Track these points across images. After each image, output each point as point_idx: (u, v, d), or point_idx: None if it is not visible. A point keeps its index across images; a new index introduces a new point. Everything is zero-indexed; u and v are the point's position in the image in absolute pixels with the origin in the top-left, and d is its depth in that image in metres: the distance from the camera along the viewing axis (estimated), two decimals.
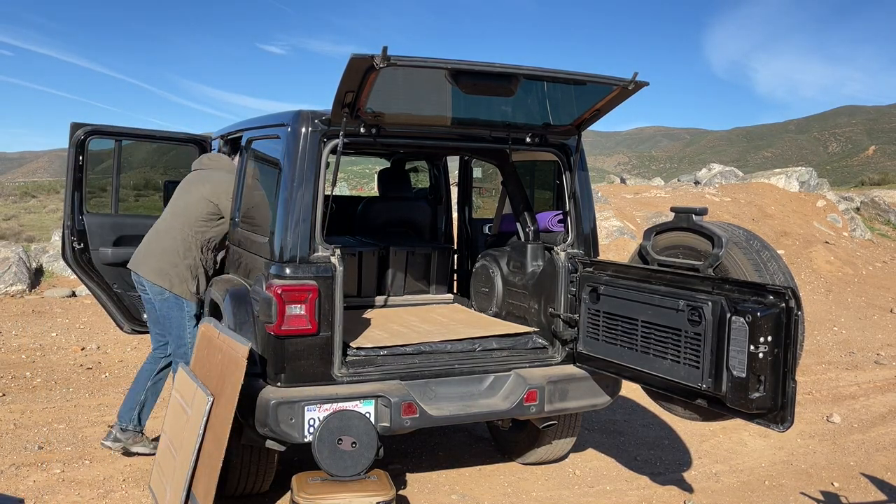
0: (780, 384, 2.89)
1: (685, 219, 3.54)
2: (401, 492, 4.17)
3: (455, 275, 5.64)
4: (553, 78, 3.45)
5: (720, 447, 5.16)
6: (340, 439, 3.38)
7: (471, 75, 3.26)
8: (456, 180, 5.83)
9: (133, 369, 6.52)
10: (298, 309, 3.40)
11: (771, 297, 2.89)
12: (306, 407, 3.37)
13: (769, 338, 2.88)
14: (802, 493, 4.43)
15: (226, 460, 3.26)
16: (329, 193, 3.69)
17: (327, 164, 3.61)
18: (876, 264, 13.51)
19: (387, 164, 6.35)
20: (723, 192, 15.74)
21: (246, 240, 4.12)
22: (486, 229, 5.09)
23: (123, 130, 4.82)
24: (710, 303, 3.07)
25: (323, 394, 3.43)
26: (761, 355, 2.89)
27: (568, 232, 4.13)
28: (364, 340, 3.88)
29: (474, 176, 5.74)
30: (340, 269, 3.51)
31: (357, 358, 3.69)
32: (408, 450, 4.86)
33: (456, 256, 5.64)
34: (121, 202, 5.04)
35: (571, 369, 3.93)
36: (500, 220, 4.88)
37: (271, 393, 3.40)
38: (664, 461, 4.89)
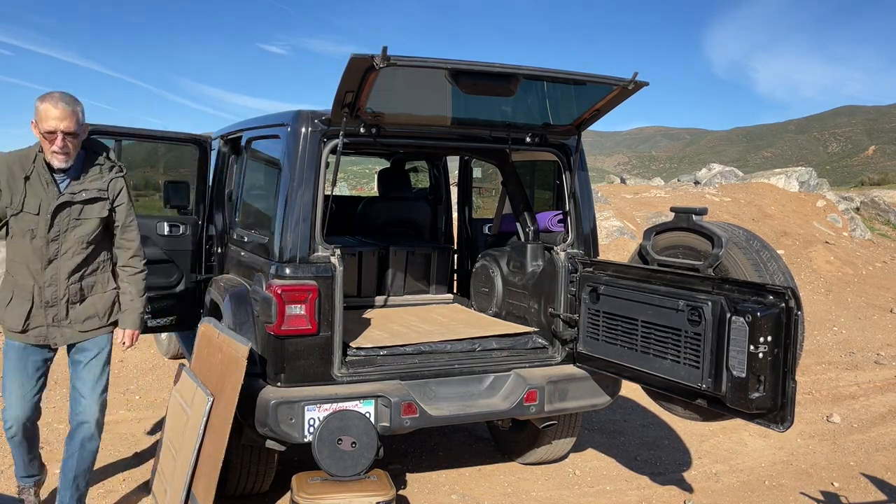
0: (780, 384, 2.90)
1: (685, 219, 3.54)
2: (401, 492, 4.17)
3: (455, 275, 5.64)
4: (553, 78, 3.45)
5: (720, 447, 5.16)
6: (340, 439, 3.38)
7: (471, 75, 3.26)
8: (456, 180, 5.83)
9: (133, 369, 6.52)
10: (298, 309, 3.40)
11: (771, 297, 2.89)
12: (306, 407, 3.37)
13: (769, 338, 2.88)
14: (802, 493, 4.43)
15: (226, 460, 3.26)
16: (329, 193, 3.69)
17: (327, 164, 3.61)
18: (876, 264, 13.51)
19: (387, 164, 6.35)
20: (723, 192, 15.74)
21: (246, 240, 4.12)
22: (486, 229, 5.10)
23: (123, 130, 4.81)
24: (710, 303, 3.07)
25: (323, 394, 3.43)
26: (761, 355, 2.89)
27: (568, 232, 4.13)
28: (364, 340, 3.88)
29: (474, 176, 5.74)
30: (340, 269, 3.51)
31: (357, 358, 3.69)
32: (408, 450, 4.86)
33: (456, 256, 5.64)
34: None
35: (571, 369, 3.93)
36: (500, 220, 4.88)
37: (271, 393, 3.40)
38: (664, 461, 4.89)
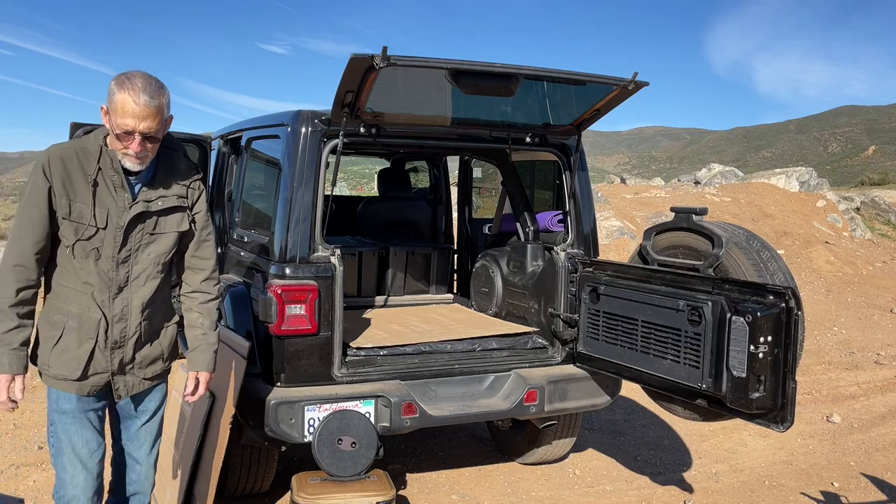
0: (780, 384, 2.89)
1: (685, 219, 3.54)
2: (401, 492, 4.17)
3: (455, 275, 5.64)
4: (553, 78, 3.45)
5: (720, 447, 5.16)
6: (340, 439, 3.38)
7: (471, 75, 3.26)
8: (456, 180, 5.83)
9: None
10: (298, 309, 3.40)
11: (771, 297, 2.89)
12: (306, 407, 3.37)
13: (769, 338, 2.88)
14: (802, 493, 4.43)
15: (226, 460, 3.26)
16: (329, 193, 3.69)
17: (327, 164, 3.61)
18: (876, 264, 13.51)
19: (387, 164, 6.35)
20: (723, 192, 15.74)
21: (246, 240, 4.12)
22: (486, 229, 5.09)
23: None
24: (710, 303, 3.07)
25: (323, 394, 3.43)
26: (761, 355, 2.89)
27: (568, 232, 4.13)
28: (364, 340, 3.88)
29: (474, 176, 5.74)
30: (340, 269, 3.50)
31: (357, 358, 3.69)
32: (408, 450, 4.86)
33: (456, 256, 5.64)
34: None
35: (571, 369, 3.93)
36: (500, 220, 4.88)
37: (271, 393, 3.40)
38: (664, 461, 4.89)
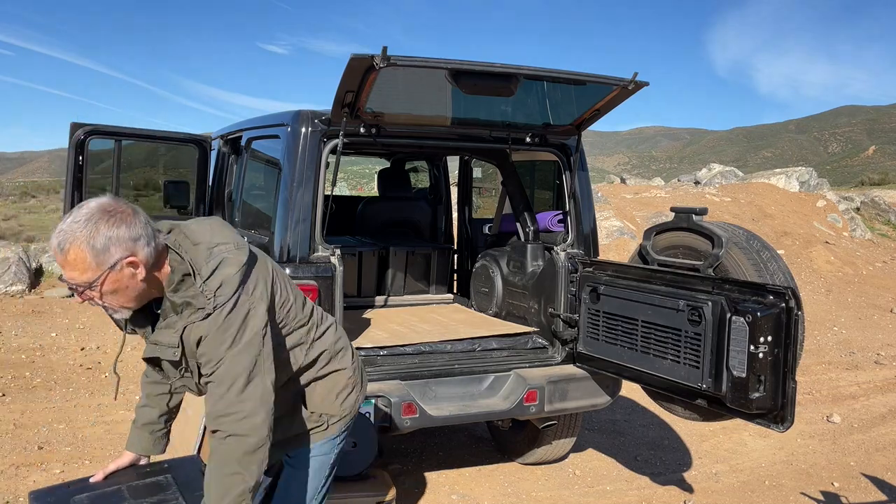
0: (780, 384, 2.89)
1: (685, 219, 3.54)
2: (401, 492, 4.17)
3: (455, 275, 5.64)
4: (553, 78, 3.45)
5: (720, 447, 5.16)
6: None
7: (471, 75, 3.26)
8: (456, 180, 5.83)
9: (133, 369, 6.51)
10: None
11: (771, 297, 2.89)
12: None
13: (769, 338, 2.88)
14: (802, 494, 4.43)
15: None
16: (329, 193, 3.69)
17: (327, 164, 3.61)
18: (876, 264, 13.51)
19: (387, 164, 6.35)
20: (723, 192, 15.74)
21: (246, 240, 4.11)
22: (486, 229, 5.09)
23: (123, 130, 4.80)
24: (710, 303, 3.07)
25: None
26: (761, 355, 2.89)
27: (568, 232, 4.13)
28: (364, 340, 3.87)
29: (474, 176, 5.74)
30: (340, 269, 3.50)
31: None
32: (408, 450, 4.86)
33: (456, 256, 5.64)
34: None
35: (571, 369, 3.93)
36: (500, 220, 4.88)
37: None
38: (664, 461, 4.89)
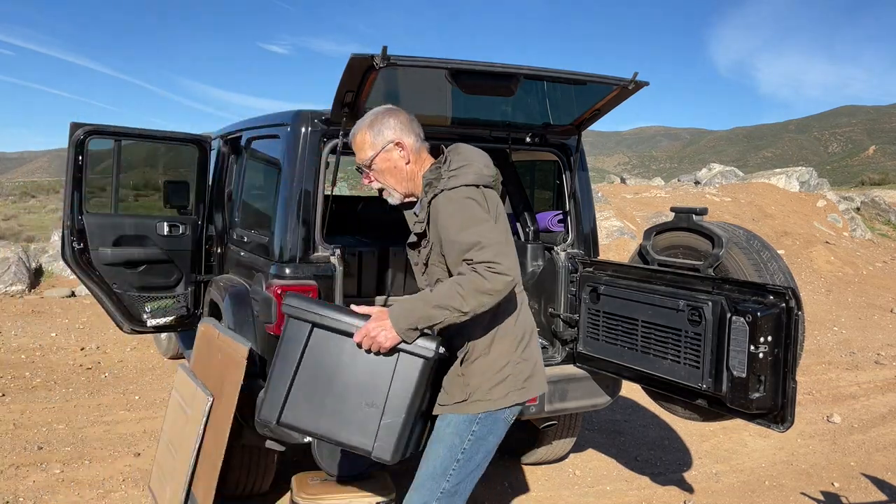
0: (781, 384, 2.89)
1: (685, 219, 3.53)
2: (401, 492, 4.16)
3: None
4: (553, 78, 3.44)
5: (720, 447, 5.16)
6: None
7: (471, 75, 3.25)
8: None
9: (133, 370, 6.52)
10: None
11: (771, 297, 2.89)
12: None
13: (769, 338, 2.88)
14: (803, 494, 4.43)
15: (226, 460, 3.26)
16: (329, 193, 3.69)
17: (327, 164, 3.60)
18: (876, 264, 13.51)
19: None
20: (723, 192, 15.74)
21: (246, 240, 4.12)
22: None
23: (123, 130, 4.81)
24: (711, 303, 3.07)
25: None
26: (761, 355, 2.89)
27: (568, 232, 4.13)
28: None
29: None
30: (340, 269, 3.50)
31: None
32: None
33: None
34: (120, 202, 5.03)
35: (571, 369, 3.92)
36: None
37: None
38: (664, 461, 4.89)
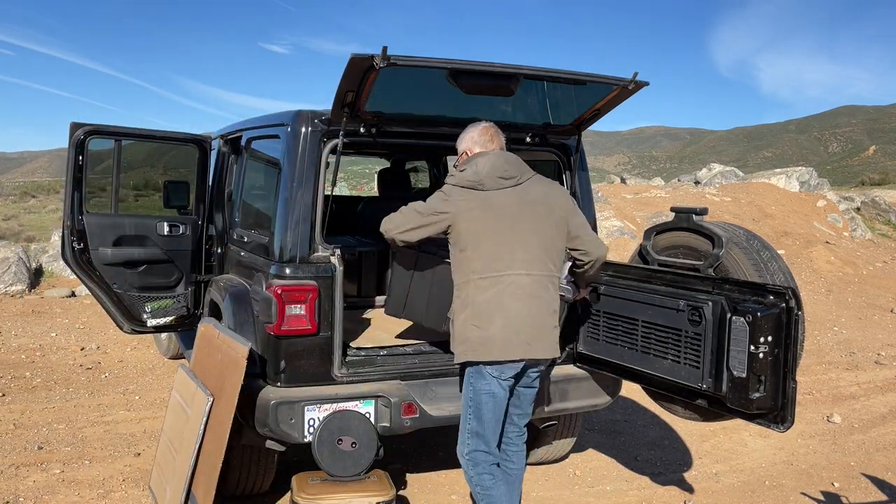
0: (781, 384, 2.89)
1: (685, 219, 3.54)
2: (401, 492, 4.17)
3: None
4: (553, 78, 3.44)
5: (720, 447, 5.16)
6: (340, 439, 3.38)
7: (471, 75, 3.26)
8: None
9: (133, 369, 6.51)
10: (298, 309, 3.39)
11: (771, 297, 2.89)
12: (306, 407, 3.37)
13: (769, 338, 2.88)
14: (803, 494, 4.42)
15: (226, 460, 3.26)
16: (329, 193, 3.69)
17: (327, 164, 3.60)
18: (876, 264, 13.50)
19: (387, 164, 6.34)
20: (723, 192, 15.73)
21: (246, 240, 4.12)
22: None
23: (123, 130, 4.81)
24: (711, 303, 3.07)
25: (323, 394, 3.43)
26: (761, 355, 2.89)
27: None
28: (364, 340, 3.88)
29: None
30: (340, 269, 3.50)
31: (357, 358, 3.68)
32: (408, 450, 4.85)
33: None
34: (120, 202, 5.02)
35: (571, 369, 3.93)
36: None
37: (271, 393, 3.39)
38: (664, 461, 4.89)
